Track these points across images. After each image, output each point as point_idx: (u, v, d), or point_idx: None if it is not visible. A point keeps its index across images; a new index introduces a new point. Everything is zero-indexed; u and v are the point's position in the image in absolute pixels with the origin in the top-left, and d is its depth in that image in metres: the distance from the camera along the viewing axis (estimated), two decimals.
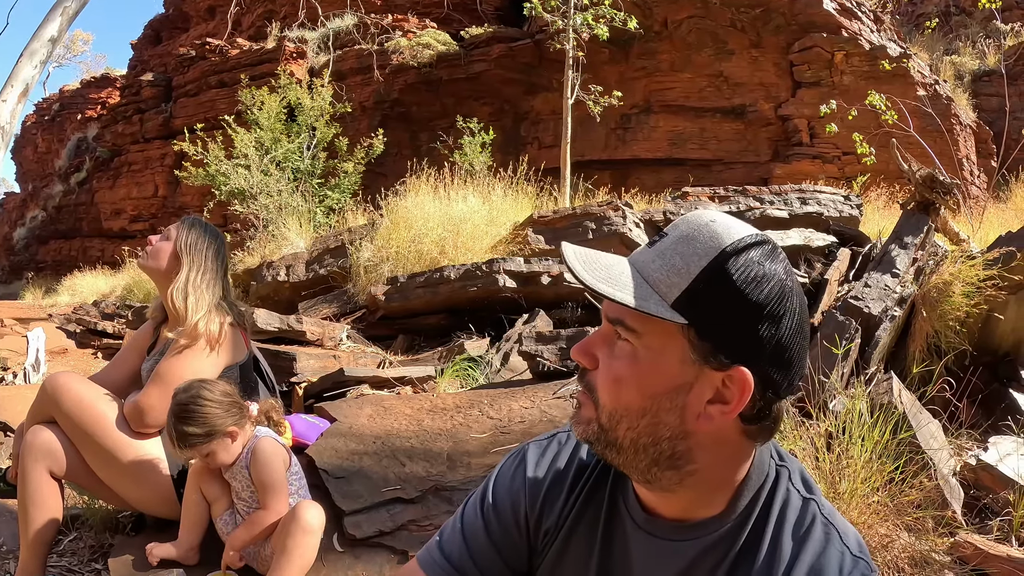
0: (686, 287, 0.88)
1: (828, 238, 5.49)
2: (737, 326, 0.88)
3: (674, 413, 0.91)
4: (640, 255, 0.94)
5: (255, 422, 2.35)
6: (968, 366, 3.13)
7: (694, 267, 0.88)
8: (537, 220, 6.23)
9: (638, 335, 0.90)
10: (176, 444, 2.21)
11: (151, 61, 26.00)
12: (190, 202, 19.02)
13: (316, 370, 4.20)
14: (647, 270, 0.91)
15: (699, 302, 0.87)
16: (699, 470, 0.94)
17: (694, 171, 14.24)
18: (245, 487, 2.29)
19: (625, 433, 0.92)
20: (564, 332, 3.73)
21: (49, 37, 5.60)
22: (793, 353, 0.91)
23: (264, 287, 7.14)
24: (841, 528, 0.96)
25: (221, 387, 2.26)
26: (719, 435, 0.93)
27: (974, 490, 2.54)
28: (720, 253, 0.88)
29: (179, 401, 2.19)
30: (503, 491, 1.14)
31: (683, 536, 0.99)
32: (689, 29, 15.31)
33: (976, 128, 15.58)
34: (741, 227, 0.91)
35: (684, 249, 0.90)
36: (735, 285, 0.87)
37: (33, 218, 28.61)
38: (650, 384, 0.91)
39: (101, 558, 2.63)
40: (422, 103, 17.30)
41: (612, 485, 1.08)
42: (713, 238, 0.89)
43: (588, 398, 0.96)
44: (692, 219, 0.93)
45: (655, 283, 0.89)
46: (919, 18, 20.46)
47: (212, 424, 2.18)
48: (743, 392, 0.89)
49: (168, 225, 2.67)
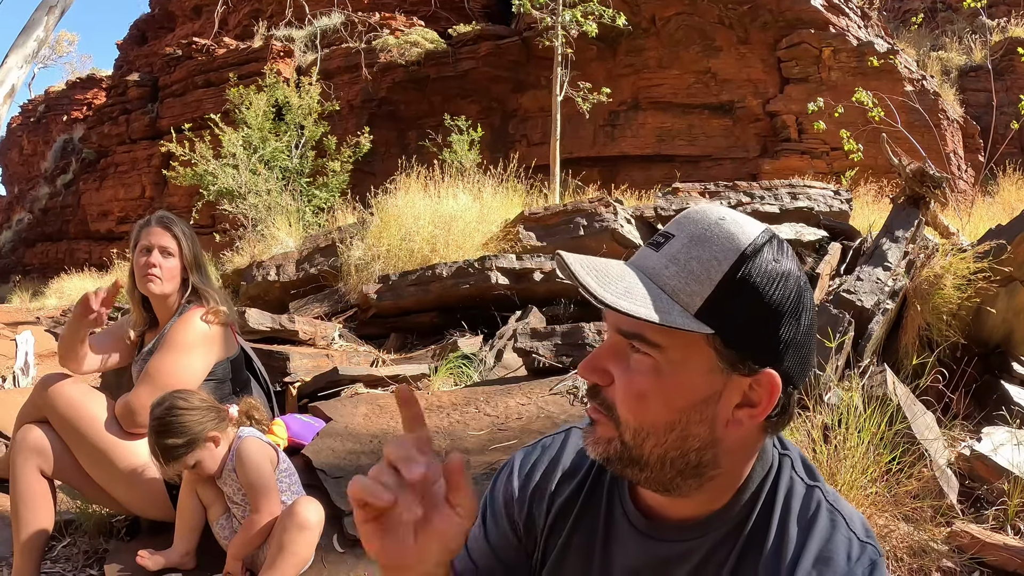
0: (709, 295, 0.84)
1: (819, 232, 5.50)
2: (763, 330, 0.85)
3: (704, 424, 0.88)
4: (647, 260, 0.89)
5: (236, 423, 2.33)
6: (960, 358, 3.14)
7: (715, 273, 0.84)
8: (528, 217, 6.23)
9: (661, 349, 0.85)
10: (161, 460, 2.17)
11: (137, 61, 25.82)
12: (177, 203, 18.90)
13: (309, 369, 4.18)
14: (661, 278, 0.86)
15: (723, 309, 0.84)
16: (722, 473, 0.92)
17: (682, 167, 14.27)
18: (236, 490, 2.26)
19: (652, 450, 0.89)
20: (559, 328, 3.73)
21: (35, 37, 5.55)
22: (811, 346, 0.90)
23: (254, 287, 7.10)
24: (847, 514, 0.95)
25: (196, 395, 2.24)
26: (745, 437, 0.91)
27: (969, 480, 2.56)
28: (740, 256, 0.84)
29: (155, 416, 2.15)
30: (497, 502, 1.13)
31: (688, 536, 0.97)
32: (677, 26, 15.35)
33: (963, 123, 15.69)
34: (750, 223, 0.88)
35: (700, 253, 0.85)
36: (758, 288, 0.84)
37: (19, 221, 28.37)
38: (677, 398, 0.86)
39: (96, 564, 2.60)
40: (410, 101, 17.27)
41: (608, 492, 1.05)
42: (729, 239, 0.85)
43: (605, 416, 0.90)
44: (699, 218, 0.88)
45: (674, 292, 0.85)
46: (905, 14, 20.58)
47: (192, 431, 2.15)
48: (772, 395, 0.87)
49: None
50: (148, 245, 2.53)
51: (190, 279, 2.56)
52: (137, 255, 2.55)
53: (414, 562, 0.83)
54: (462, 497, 0.83)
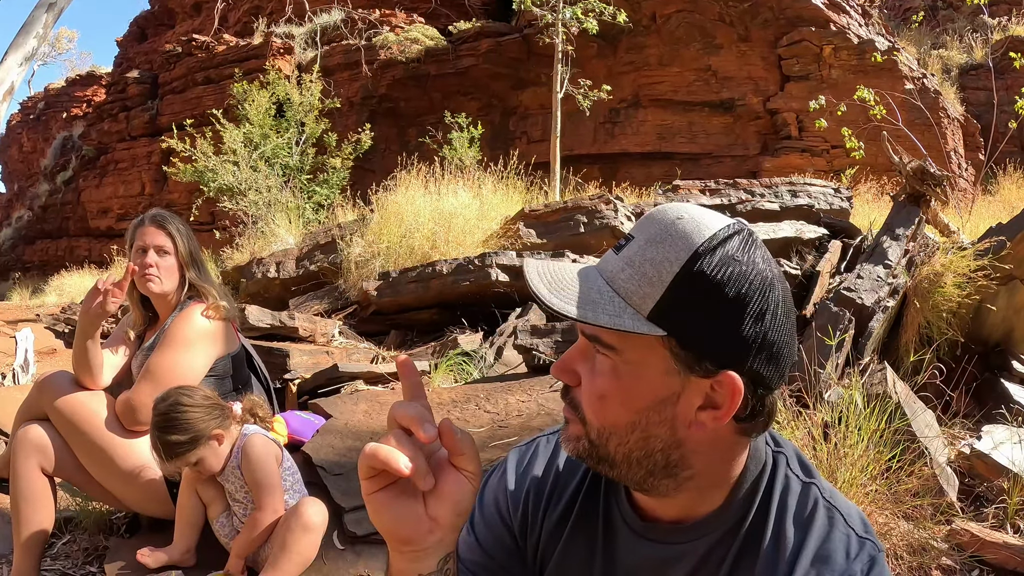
0: (660, 296, 0.83)
1: (819, 230, 5.50)
2: (719, 330, 0.83)
3: (664, 425, 0.87)
4: (609, 263, 0.89)
5: (240, 421, 2.32)
6: (960, 356, 3.14)
7: (666, 274, 0.83)
8: (528, 214, 6.22)
9: (616, 351, 0.86)
10: (163, 456, 2.15)
11: (137, 58, 25.79)
12: (177, 199, 18.89)
13: (309, 366, 4.18)
14: (617, 281, 0.86)
15: (676, 310, 0.83)
16: (696, 474, 0.91)
17: (683, 165, 14.26)
18: (239, 488, 2.26)
19: (616, 448, 0.89)
20: (559, 325, 3.73)
21: (35, 34, 5.55)
22: (781, 345, 0.86)
23: (254, 284, 7.10)
24: (844, 510, 0.94)
25: (201, 392, 2.22)
26: (714, 439, 0.89)
27: (969, 478, 2.56)
28: (692, 255, 0.83)
29: (159, 412, 2.14)
30: (489, 504, 1.12)
31: (684, 538, 0.96)
32: (677, 23, 15.33)
33: (964, 122, 15.67)
34: (712, 219, 0.86)
35: (654, 255, 0.84)
36: (712, 287, 0.82)
37: (19, 218, 28.33)
38: (635, 399, 0.87)
39: (96, 561, 2.60)
40: (410, 98, 17.26)
41: (605, 494, 1.05)
42: (683, 238, 0.84)
43: (574, 415, 0.92)
44: (659, 218, 0.87)
45: (627, 295, 0.84)
46: (906, 12, 20.56)
47: (196, 428, 2.14)
48: (733, 397, 0.85)
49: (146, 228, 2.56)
50: (144, 245, 2.51)
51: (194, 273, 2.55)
52: (134, 256, 2.53)
53: (426, 531, 0.82)
54: (466, 460, 0.83)
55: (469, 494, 0.83)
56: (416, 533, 0.82)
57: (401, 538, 0.82)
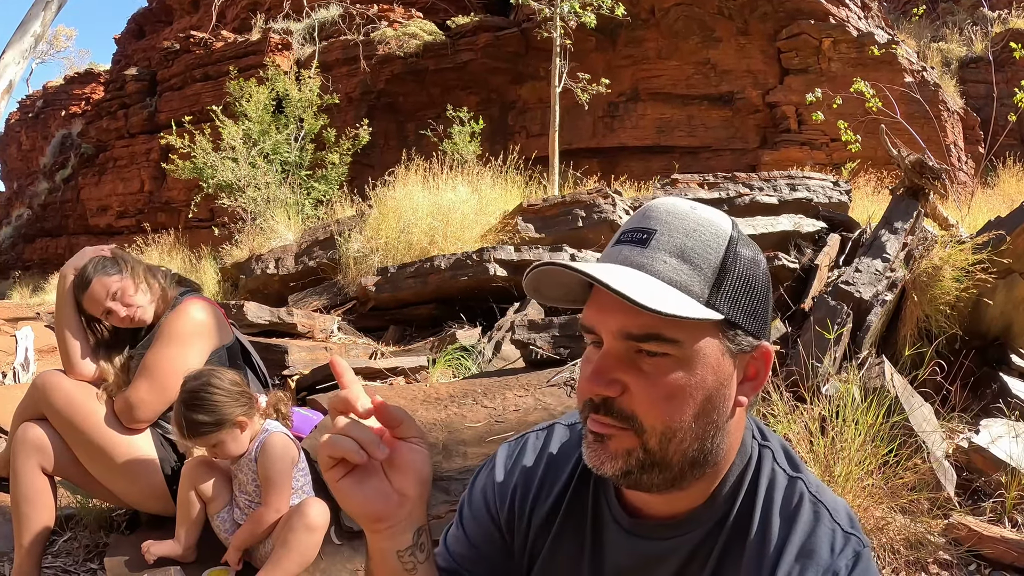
0: (712, 282, 0.87)
1: (818, 224, 5.50)
2: (754, 307, 0.90)
3: (718, 411, 0.89)
4: (636, 256, 0.87)
5: (264, 414, 2.33)
6: (959, 350, 3.14)
7: (714, 260, 0.87)
8: (527, 209, 6.22)
9: (679, 344, 0.85)
10: (185, 433, 2.15)
11: (135, 55, 25.74)
12: (176, 196, 18.88)
13: (308, 362, 4.19)
14: (662, 273, 0.86)
15: (726, 293, 0.87)
16: (717, 461, 0.92)
17: (682, 159, 14.24)
18: (251, 480, 2.26)
19: (676, 448, 0.88)
20: (557, 320, 3.73)
21: (32, 32, 5.54)
22: None
23: (253, 280, 7.10)
24: (830, 504, 0.94)
25: (231, 376, 2.23)
26: (739, 417, 0.94)
27: (967, 472, 2.56)
28: (729, 240, 0.89)
29: (189, 389, 2.14)
30: (477, 497, 1.12)
31: (673, 533, 0.96)
32: (676, 17, 15.28)
33: (963, 115, 15.64)
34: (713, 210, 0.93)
35: (694, 244, 0.87)
36: (746, 269, 0.89)
37: (19, 216, 28.32)
38: (701, 390, 0.87)
39: (96, 558, 2.61)
40: (409, 93, 17.22)
41: (594, 490, 1.05)
42: (713, 226, 0.89)
43: (624, 426, 0.87)
44: (674, 210, 0.90)
45: (682, 285, 0.85)
46: (906, 5, 20.51)
47: (222, 412, 2.14)
48: (767, 366, 0.92)
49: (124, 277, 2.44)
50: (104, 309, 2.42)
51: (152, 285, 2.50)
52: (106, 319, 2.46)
53: (396, 505, 0.89)
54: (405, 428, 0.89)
55: (424, 459, 0.90)
56: (387, 508, 0.88)
57: (374, 516, 0.88)
